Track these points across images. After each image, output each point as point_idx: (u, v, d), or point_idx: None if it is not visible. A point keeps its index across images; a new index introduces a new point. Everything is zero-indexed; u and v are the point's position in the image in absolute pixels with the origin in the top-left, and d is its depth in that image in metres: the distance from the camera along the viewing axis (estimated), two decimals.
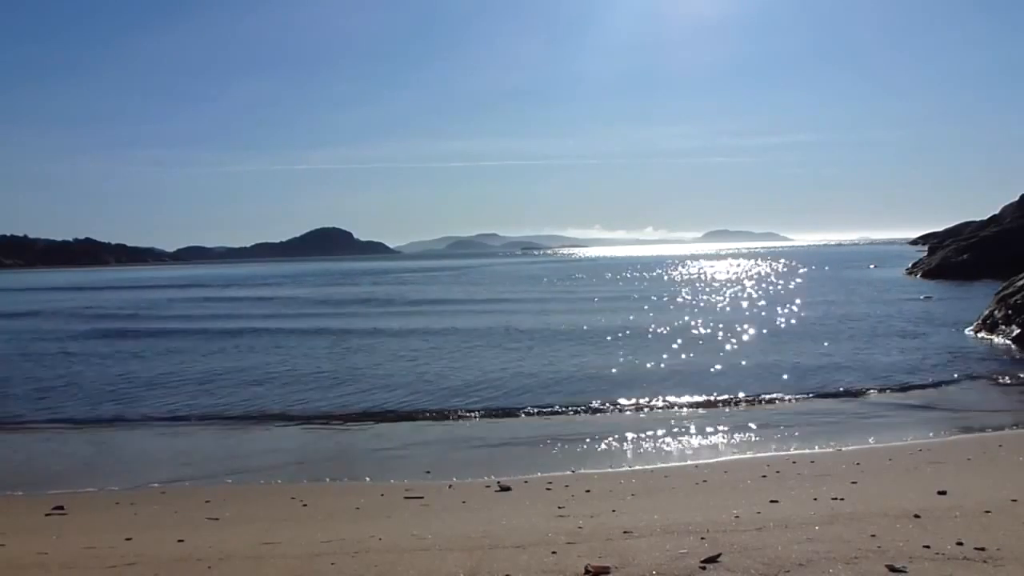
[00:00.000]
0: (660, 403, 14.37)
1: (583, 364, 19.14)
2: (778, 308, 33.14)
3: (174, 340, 27.42)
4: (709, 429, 12.48)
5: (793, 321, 27.97)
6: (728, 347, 21.75)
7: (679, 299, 40.60)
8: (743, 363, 18.79)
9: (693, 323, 28.06)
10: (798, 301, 36.39)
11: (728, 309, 33.64)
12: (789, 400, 14.41)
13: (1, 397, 16.74)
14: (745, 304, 36.15)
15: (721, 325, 27.05)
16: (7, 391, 17.41)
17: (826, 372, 17.23)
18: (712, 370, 17.78)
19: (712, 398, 14.66)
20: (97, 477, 10.37)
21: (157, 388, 17.31)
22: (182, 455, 11.62)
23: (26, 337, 29.83)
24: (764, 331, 25.09)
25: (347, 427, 13.37)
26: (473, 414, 13.91)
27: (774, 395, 14.76)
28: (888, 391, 15.01)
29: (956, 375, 16.35)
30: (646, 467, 10.03)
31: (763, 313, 31.17)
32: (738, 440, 11.86)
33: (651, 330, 25.98)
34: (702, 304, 36.68)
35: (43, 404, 15.88)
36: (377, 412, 14.31)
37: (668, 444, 11.70)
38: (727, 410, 13.81)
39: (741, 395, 14.79)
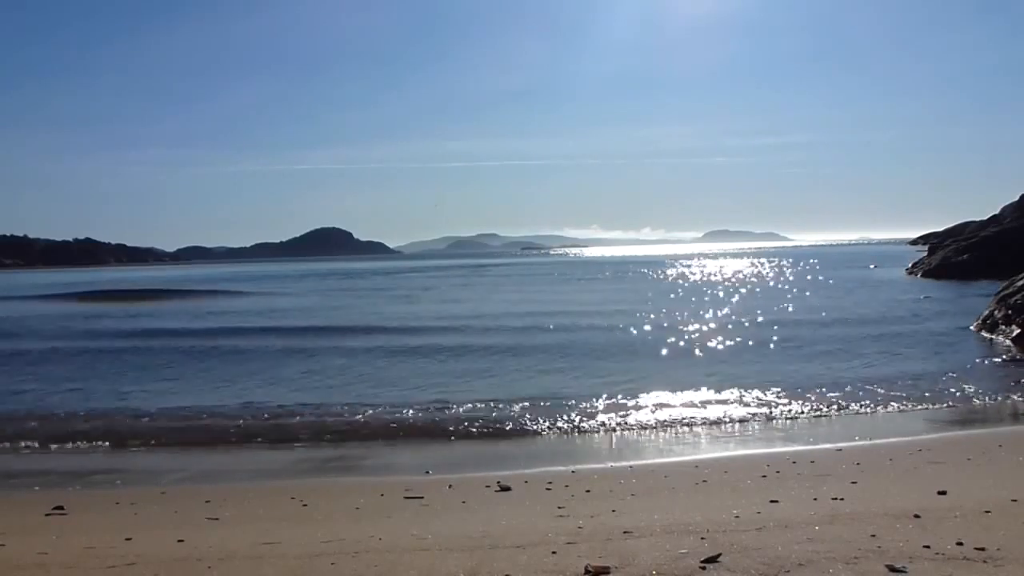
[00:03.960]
0: (660, 404, 14.38)
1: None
2: (777, 308, 33.15)
3: None
4: (709, 429, 12.48)
5: (792, 320, 27.96)
6: (727, 346, 21.75)
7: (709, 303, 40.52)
8: (743, 361, 18.79)
9: (695, 321, 28.07)
10: (797, 301, 36.41)
11: (729, 307, 33.63)
12: (787, 398, 14.40)
13: None
14: (745, 303, 36.13)
15: (720, 323, 27.06)
16: None
17: (824, 371, 17.24)
18: (712, 370, 17.77)
19: (713, 398, 14.67)
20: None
21: None
22: None
23: None
24: (763, 330, 25.07)
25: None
26: (473, 407, 13.93)
27: (773, 394, 14.76)
28: (887, 391, 15.00)
29: (955, 375, 16.34)
30: (646, 467, 10.03)
31: (762, 312, 31.15)
32: (738, 439, 11.87)
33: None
34: (707, 301, 36.69)
35: None
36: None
37: (668, 444, 11.72)
38: (728, 411, 13.79)
39: (741, 394, 14.79)
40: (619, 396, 14.92)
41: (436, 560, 5.20)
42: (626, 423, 13.01)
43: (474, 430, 12.81)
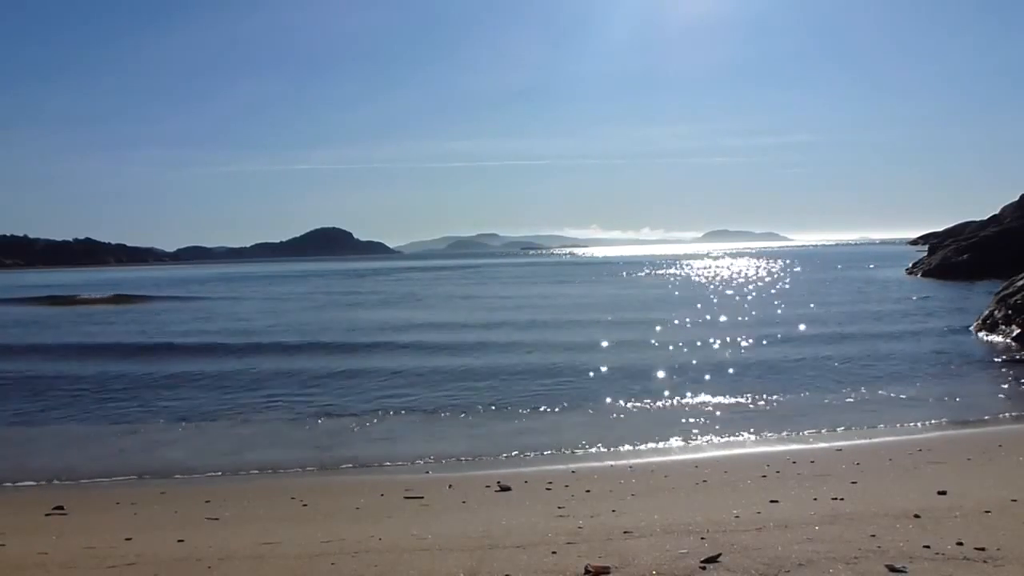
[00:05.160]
0: (661, 404, 14.38)
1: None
2: (777, 307, 33.16)
3: None
4: (710, 429, 12.48)
5: (792, 320, 27.93)
6: (727, 345, 21.74)
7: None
8: (742, 361, 18.78)
9: (700, 320, 28.07)
10: (796, 301, 36.40)
11: (732, 307, 33.61)
12: (786, 398, 14.40)
13: None
14: (748, 303, 36.13)
15: (720, 324, 27.06)
16: None
17: (824, 371, 17.24)
18: (713, 370, 17.76)
19: (712, 399, 14.67)
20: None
21: None
22: None
23: None
24: (762, 329, 25.06)
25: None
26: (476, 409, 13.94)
27: (772, 393, 14.76)
28: (887, 391, 15.01)
29: (955, 375, 16.35)
30: (646, 467, 10.03)
31: (763, 312, 31.15)
32: (738, 439, 11.87)
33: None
34: (706, 302, 36.65)
35: None
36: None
37: (668, 444, 11.71)
38: (727, 410, 13.80)
39: (741, 393, 14.80)
40: (620, 399, 14.93)
41: (436, 560, 5.20)
42: (628, 422, 13.01)
43: (475, 431, 12.83)
